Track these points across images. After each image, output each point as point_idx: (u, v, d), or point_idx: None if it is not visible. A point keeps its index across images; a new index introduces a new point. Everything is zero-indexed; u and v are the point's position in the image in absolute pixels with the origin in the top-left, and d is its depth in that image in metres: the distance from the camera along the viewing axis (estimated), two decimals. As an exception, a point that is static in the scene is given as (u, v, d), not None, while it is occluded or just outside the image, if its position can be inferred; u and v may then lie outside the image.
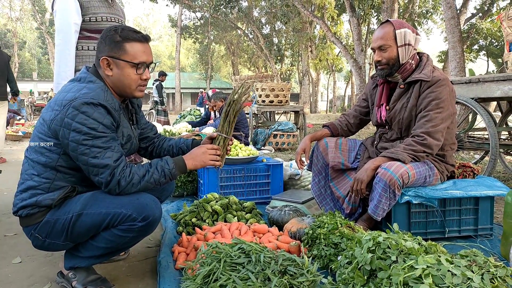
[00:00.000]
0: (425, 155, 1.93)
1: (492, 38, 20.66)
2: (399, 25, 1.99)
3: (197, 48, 33.80)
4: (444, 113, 1.92)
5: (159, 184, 1.55)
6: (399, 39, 1.97)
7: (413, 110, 2.01)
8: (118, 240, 1.47)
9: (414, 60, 2.03)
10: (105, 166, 1.41)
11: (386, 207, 1.89)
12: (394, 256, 1.15)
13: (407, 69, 2.02)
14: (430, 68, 2.00)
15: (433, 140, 1.90)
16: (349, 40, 22.70)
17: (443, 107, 1.92)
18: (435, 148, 1.93)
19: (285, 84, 7.69)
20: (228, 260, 1.11)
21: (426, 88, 1.96)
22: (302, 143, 2.28)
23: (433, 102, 1.92)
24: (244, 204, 2.43)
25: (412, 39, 2.00)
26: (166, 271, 1.65)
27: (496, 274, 1.07)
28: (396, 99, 2.09)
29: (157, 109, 9.92)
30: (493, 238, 2.12)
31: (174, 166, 1.57)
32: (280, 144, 6.56)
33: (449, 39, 8.70)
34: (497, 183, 2.12)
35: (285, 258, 1.15)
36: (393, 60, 2.00)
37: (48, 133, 1.45)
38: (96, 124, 1.40)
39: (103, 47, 1.52)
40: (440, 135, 1.92)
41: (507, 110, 3.65)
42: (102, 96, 1.45)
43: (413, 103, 2.00)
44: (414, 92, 2.01)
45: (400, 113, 2.06)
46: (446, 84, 1.95)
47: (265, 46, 23.33)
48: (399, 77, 2.06)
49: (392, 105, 2.11)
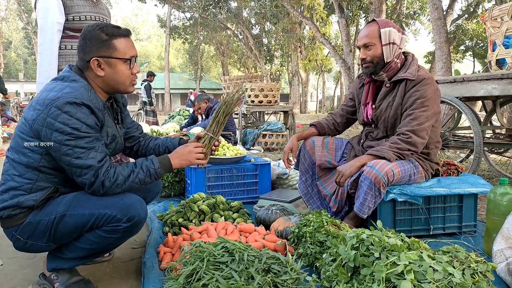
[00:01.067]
0: (410, 153, 1.95)
1: (478, 39, 20.99)
2: (384, 24, 2.01)
3: (187, 49, 33.65)
4: (429, 112, 1.94)
5: (145, 184, 1.53)
6: (384, 37, 1.99)
7: (398, 108, 2.03)
8: (103, 241, 1.44)
9: (399, 59, 2.05)
10: (88, 167, 1.39)
11: (371, 205, 1.90)
12: (377, 253, 1.16)
13: (392, 68, 2.04)
14: (415, 67, 2.02)
15: (418, 138, 1.92)
16: (338, 41, 22.82)
17: (428, 105, 1.94)
18: (420, 146, 1.94)
19: (274, 84, 7.70)
20: (211, 259, 1.10)
21: (412, 87, 1.98)
22: (289, 143, 2.29)
23: (418, 101, 1.94)
24: (232, 203, 2.42)
25: (397, 38, 2.01)
26: (150, 271, 1.63)
27: (477, 270, 1.08)
28: (382, 98, 2.11)
29: (145, 109, 9.83)
30: (477, 235, 2.14)
31: (160, 165, 1.55)
32: (269, 144, 6.56)
33: (436, 40, 8.83)
34: (480, 180, 2.15)
35: (269, 257, 1.15)
36: (378, 59, 2.02)
37: (30, 133, 1.41)
38: (79, 124, 1.38)
39: (89, 48, 1.48)
40: (425, 133, 1.94)
41: (491, 109, 3.71)
42: (86, 96, 1.43)
43: (399, 101, 2.02)
44: (400, 91, 2.03)
45: (386, 112, 2.08)
46: (431, 83, 1.97)
47: (255, 46, 23.32)
48: (384, 76, 2.07)
49: (378, 104, 2.12)
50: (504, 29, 2.98)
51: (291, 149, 2.28)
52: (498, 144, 3.28)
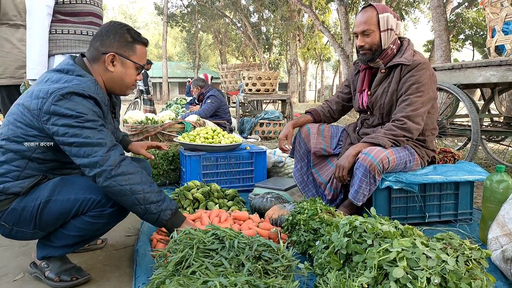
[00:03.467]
0: (405, 139, 1.92)
1: (478, 28, 20.84)
2: (382, 9, 1.97)
3: (184, 37, 33.32)
4: (424, 97, 1.92)
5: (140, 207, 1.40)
6: (382, 23, 1.95)
7: (394, 94, 2.00)
8: (90, 227, 1.42)
9: (395, 45, 2.02)
10: (99, 144, 1.36)
11: (366, 192, 1.89)
12: (370, 240, 1.14)
13: (388, 54, 2.01)
14: (411, 52, 1.99)
15: (413, 124, 1.89)
16: (337, 29, 22.61)
17: (423, 90, 1.91)
18: (415, 132, 1.92)
19: (272, 72, 7.63)
20: (201, 246, 1.08)
21: (407, 72, 1.95)
22: (284, 129, 2.27)
23: (413, 86, 1.91)
24: (226, 191, 2.40)
25: (394, 23, 1.98)
26: (143, 259, 1.62)
27: (471, 257, 1.06)
28: (377, 84, 2.08)
29: (142, 98, 9.76)
30: (473, 222, 2.14)
31: (172, 212, 1.47)
32: (267, 133, 6.53)
33: (435, 28, 8.74)
34: (477, 168, 2.13)
35: (260, 244, 1.13)
36: (376, 45, 1.98)
37: (33, 122, 1.38)
38: (86, 110, 1.37)
39: (110, 42, 1.49)
40: (420, 119, 1.91)
41: (490, 97, 3.68)
42: (93, 89, 1.43)
43: (394, 87, 1.99)
44: (395, 76, 2.00)
45: (382, 98, 2.05)
46: (426, 68, 1.94)
47: (253, 35, 23.11)
48: (380, 63, 2.04)
49: (374, 90, 2.09)
50: (503, 15, 2.93)
51: (286, 136, 2.25)
52: (496, 132, 3.26)
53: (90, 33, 2.34)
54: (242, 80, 7.74)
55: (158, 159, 2.95)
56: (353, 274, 1.07)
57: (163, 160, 2.97)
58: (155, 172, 2.95)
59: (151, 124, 3.62)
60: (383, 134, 1.91)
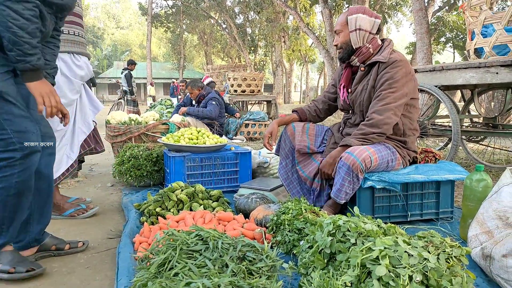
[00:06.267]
0: (376, 135, 1.95)
1: (458, 31, 21.35)
2: (354, 11, 2.05)
3: (169, 38, 33.06)
4: (397, 93, 1.95)
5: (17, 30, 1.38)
6: (350, 24, 2.05)
7: (371, 91, 2.05)
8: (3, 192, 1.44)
9: (372, 44, 2.07)
10: None
11: (349, 190, 1.91)
12: (353, 238, 1.15)
13: (363, 53, 2.07)
14: (389, 51, 2.05)
15: (380, 117, 1.93)
16: (321, 31, 22.82)
17: (396, 86, 1.95)
18: (384, 127, 1.94)
19: (257, 73, 7.64)
20: (184, 247, 1.07)
21: (383, 69, 2.01)
22: (269, 127, 2.31)
23: (387, 82, 1.96)
24: (211, 192, 2.38)
25: (367, 24, 2.03)
26: (125, 262, 1.59)
27: (452, 254, 1.08)
28: (357, 82, 2.14)
29: (126, 99, 9.63)
30: (453, 221, 2.18)
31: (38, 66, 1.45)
32: (252, 134, 6.53)
33: (417, 31, 8.91)
34: (457, 167, 2.17)
35: (244, 244, 1.12)
36: (345, 44, 2.08)
37: None
38: None
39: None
40: (392, 113, 1.94)
41: (469, 99, 3.76)
42: None
43: (372, 84, 2.05)
44: (373, 74, 2.06)
45: (361, 96, 2.10)
46: (402, 65, 1.98)
47: (239, 36, 23.10)
48: (356, 60, 2.11)
49: (354, 88, 2.15)
50: (482, 18, 3.00)
51: (271, 133, 2.29)
52: (475, 132, 3.33)
53: (72, 32, 2.29)
54: (227, 81, 7.72)
55: (142, 160, 2.91)
56: (337, 273, 1.07)
57: (146, 161, 2.93)
58: (139, 173, 2.91)
59: (135, 125, 3.56)
60: (353, 135, 1.98)
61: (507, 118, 3.71)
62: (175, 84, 18.52)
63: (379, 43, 2.08)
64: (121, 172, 2.95)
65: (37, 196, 1.68)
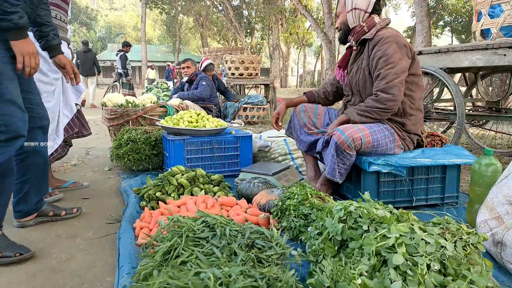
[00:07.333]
0: (378, 111, 1.93)
1: (457, 15, 21.13)
2: None
3: (164, 20, 32.44)
4: (396, 68, 1.90)
5: None
6: (347, 4, 2.06)
7: (366, 70, 2.04)
8: None
9: (367, 23, 2.05)
10: None
11: (342, 170, 1.94)
12: (366, 225, 1.10)
13: (357, 31, 2.07)
14: (378, 27, 2.02)
15: (385, 95, 1.90)
16: (319, 14, 22.46)
17: (392, 61, 1.91)
18: (389, 104, 1.91)
19: (255, 56, 7.51)
20: (190, 234, 1.02)
21: (372, 48, 2.00)
22: (278, 108, 2.42)
23: (381, 60, 1.93)
24: (212, 177, 2.33)
25: (363, 3, 2.03)
26: (126, 248, 1.54)
27: (469, 241, 1.04)
28: (352, 62, 2.17)
29: (121, 81, 9.48)
30: (459, 206, 2.15)
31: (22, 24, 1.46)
32: (250, 118, 6.46)
33: (417, 13, 8.77)
34: (464, 151, 2.13)
35: (253, 231, 1.07)
36: (344, 25, 2.11)
37: None
38: None
39: None
40: (396, 89, 1.90)
41: (472, 82, 3.70)
42: None
43: (366, 63, 2.05)
44: (365, 52, 2.06)
45: (357, 75, 2.11)
46: (392, 41, 1.94)
47: (235, 18, 22.68)
48: (352, 40, 2.12)
49: (350, 68, 2.18)
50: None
51: (278, 114, 2.39)
52: (479, 116, 3.29)
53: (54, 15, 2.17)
54: (224, 64, 7.59)
55: (140, 144, 2.85)
56: (350, 261, 1.03)
57: (145, 145, 2.86)
58: (137, 157, 2.85)
59: (132, 108, 3.48)
60: (356, 108, 1.99)
61: (510, 102, 3.67)
62: (170, 67, 18.27)
63: (375, 21, 2.05)
64: (119, 156, 2.88)
65: (34, 170, 1.84)
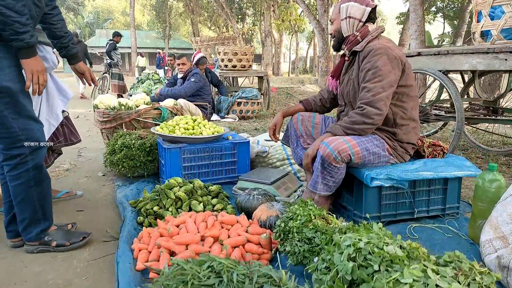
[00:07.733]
0: (366, 126, 1.89)
1: (449, 0, 21.00)
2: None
3: (153, 4, 31.71)
4: (384, 81, 1.87)
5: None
6: (342, 12, 2.03)
7: (355, 81, 2.01)
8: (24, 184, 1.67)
9: (360, 33, 2.01)
10: None
11: (330, 182, 1.93)
12: (376, 264, 1.07)
13: (351, 41, 2.04)
14: (369, 38, 1.99)
15: (372, 109, 1.86)
16: (312, 0, 22.15)
17: (381, 75, 1.87)
18: (375, 117, 1.87)
19: (248, 47, 7.39)
20: (196, 282, 0.97)
21: (363, 59, 1.96)
22: (274, 119, 2.37)
23: (369, 72, 1.90)
24: (210, 188, 2.29)
25: (357, 12, 1.99)
26: (125, 275, 1.50)
27: (482, 283, 1.01)
28: (344, 73, 2.15)
29: (111, 72, 9.27)
30: (459, 216, 2.14)
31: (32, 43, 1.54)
32: (244, 112, 6.39)
33: (411, 2, 8.66)
34: (466, 163, 2.11)
35: (260, 274, 1.03)
36: (338, 33, 2.08)
37: None
38: None
39: None
40: (382, 103, 1.86)
41: (469, 81, 3.67)
42: None
43: (356, 74, 2.02)
44: (356, 63, 2.03)
45: (347, 86, 2.08)
46: (382, 53, 1.89)
47: (226, 4, 22.26)
48: (346, 49, 2.08)
49: (342, 78, 2.15)
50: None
51: (275, 125, 2.35)
52: (476, 119, 3.26)
53: None
54: (217, 55, 7.45)
55: (134, 150, 2.77)
56: (361, 305, 1.00)
57: (140, 151, 2.79)
58: (132, 164, 2.78)
59: (125, 110, 3.38)
60: (342, 121, 1.94)
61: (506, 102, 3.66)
62: (161, 55, 17.95)
63: (369, 30, 2.01)
64: (113, 163, 2.81)
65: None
